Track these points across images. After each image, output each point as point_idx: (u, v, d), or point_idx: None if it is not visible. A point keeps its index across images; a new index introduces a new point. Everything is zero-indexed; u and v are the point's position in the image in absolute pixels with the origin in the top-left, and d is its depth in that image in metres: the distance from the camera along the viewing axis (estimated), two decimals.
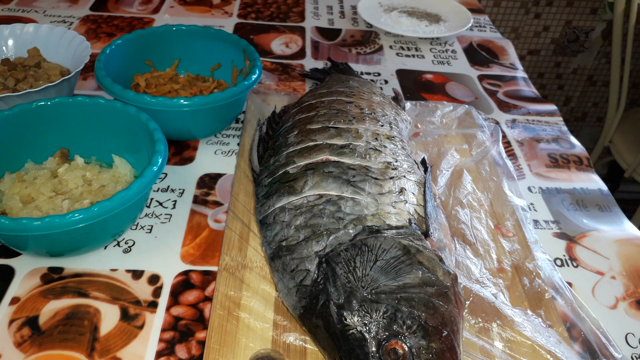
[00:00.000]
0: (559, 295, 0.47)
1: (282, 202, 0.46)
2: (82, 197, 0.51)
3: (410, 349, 0.36)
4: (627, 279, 0.51)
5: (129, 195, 0.45)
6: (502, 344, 0.43)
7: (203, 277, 0.49)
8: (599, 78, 1.75)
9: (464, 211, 0.54)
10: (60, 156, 0.55)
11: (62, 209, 0.49)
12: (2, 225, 0.41)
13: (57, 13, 0.89)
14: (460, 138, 0.64)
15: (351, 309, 0.38)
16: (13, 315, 0.44)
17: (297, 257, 0.43)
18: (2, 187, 0.51)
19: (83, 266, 0.49)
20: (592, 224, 0.57)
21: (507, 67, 0.85)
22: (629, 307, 0.49)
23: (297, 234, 0.44)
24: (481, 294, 0.46)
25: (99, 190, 0.52)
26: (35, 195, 0.50)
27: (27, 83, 0.62)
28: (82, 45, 0.66)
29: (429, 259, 0.40)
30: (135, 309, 0.46)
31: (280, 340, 0.42)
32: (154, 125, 0.51)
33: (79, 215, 0.42)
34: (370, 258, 0.40)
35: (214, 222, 0.54)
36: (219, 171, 0.60)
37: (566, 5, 1.59)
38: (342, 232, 0.43)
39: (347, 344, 0.37)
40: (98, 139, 0.56)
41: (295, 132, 0.53)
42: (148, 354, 0.42)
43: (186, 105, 0.55)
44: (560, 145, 0.68)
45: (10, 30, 0.68)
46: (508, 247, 0.51)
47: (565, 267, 0.52)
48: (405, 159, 0.50)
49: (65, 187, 0.52)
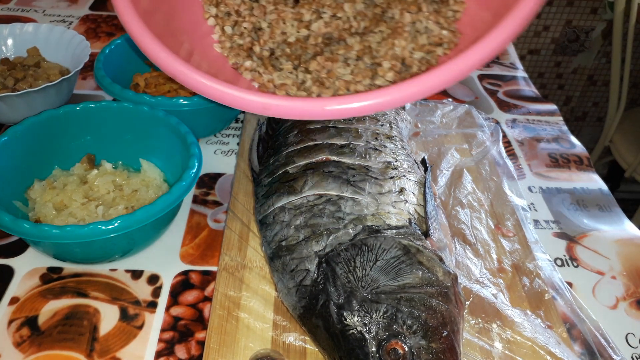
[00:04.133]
0: (559, 296, 0.47)
1: (282, 201, 0.46)
2: (115, 203, 0.51)
3: (411, 349, 0.36)
4: (628, 279, 0.51)
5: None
6: (502, 345, 0.43)
7: (202, 277, 0.49)
8: (599, 78, 1.75)
9: (464, 211, 0.54)
10: (88, 162, 0.54)
11: (98, 215, 0.49)
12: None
13: (57, 12, 0.88)
14: (461, 138, 0.64)
15: (351, 309, 0.37)
16: (12, 315, 0.44)
17: (297, 257, 0.42)
18: (34, 195, 0.51)
19: (82, 266, 0.49)
20: (592, 224, 0.57)
21: (508, 67, 0.84)
22: (629, 307, 0.49)
23: (297, 233, 0.44)
24: (481, 294, 0.46)
25: (131, 195, 0.51)
26: (67, 202, 0.50)
27: (26, 82, 0.62)
28: (81, 45, 0.66)
29: (429, 259, 0.40)
30: (135, 309, 0.46)
31: (280, 340, 0.42)
32: (185, 128, 0.51)
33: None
34: (370, 258, 0.40)
35: (214, 222, 0.54)
36: (218, 171, 0.60)
37: (566, 4, 1.59)
38: (342, 232, 0.43)
39: (347, 344, 0.37)
40: (124, 144, 0.55)
41: (295, 132, 0.53)
42: (147, 354, 0.42)
43: (185, 104, 0.55)
44: (561, 145, 0.68)
45: (9, 29, 0.68)
46: (508, 247, 0.51)
47: (565, 267, 0.52)
48: (405, 159, 0.50)
49: (96, 192, 0.51)
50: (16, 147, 0.50)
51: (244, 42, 0.47)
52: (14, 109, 0.59)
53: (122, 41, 0.64)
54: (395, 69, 0.43)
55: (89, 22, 0.87)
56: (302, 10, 0.47)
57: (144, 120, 0.54)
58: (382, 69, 0.43)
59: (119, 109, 0.54)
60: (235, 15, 0.49)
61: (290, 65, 0.45)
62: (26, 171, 0.51)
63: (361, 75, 0.43)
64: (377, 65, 0.44)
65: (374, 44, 0.45)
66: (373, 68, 0.44)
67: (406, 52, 0.44)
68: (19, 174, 0.51)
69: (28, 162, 0.51)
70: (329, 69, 0.44)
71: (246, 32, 0.48)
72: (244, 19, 0.48)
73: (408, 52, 0.44)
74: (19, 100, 0.58)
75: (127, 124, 0.54)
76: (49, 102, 0.60)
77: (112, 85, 0.56)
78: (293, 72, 0.45)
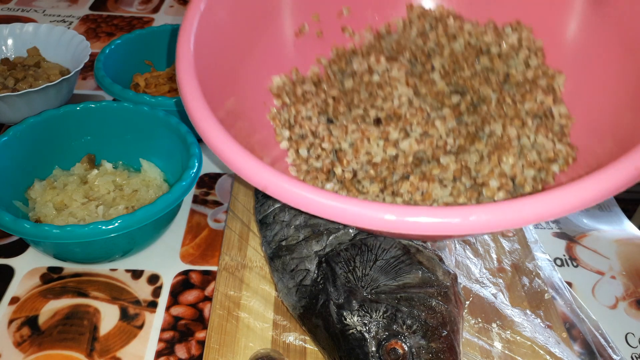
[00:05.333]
0: (558, 296, 0.47)
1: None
2: (116, 203, 0.51)
3: (410, 349, 0.36)
4: (627, 278, 0.51)
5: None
6: (502, 344, 0.43)
7: (203, 276, 0.49)
8: None
9: None
10: (88, 162, 0.55)
11: (98, 215, 0.49)
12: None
13: (57, 12, 0.88)
14: None
15: (351, 308, 0.38)
16: (12, 315, 0.44)
17: (297, 257, 0.43)
18: (34, 195, 0.51)
19: (83, 266, 0.49)
20: (592, 224, 0.57)
21: None
22: (629, 307, 0.49)
23: (297, 233, 0.44)
24: (481, 293, 0.46)
25: (132, 195, 0.52)
26: (68, 202, 0.50)
27: (26, 83, 0.62)
28: (81, 45, 0.66)
29: (429, 259, 0.40)
30: (135, 308, 0.46)
31: (280, 340, 0.42)
32: (185, 128, 0.51)
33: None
34: (370, 258, 0.40)
35: (214, 221, 0.54)
36: (218, 171, 0.60)
37: None
38: (342, 231, 0.43)
39: (347, 344, 0.37)
40: (124, 144, 0.55)
41: None
42: (148, 354, 0.42)
43: None
44: None
45: (9, 29, 0.68)
46: (508, 246, 0.51)
47: (565, 266, 0.52)
48: None
49: (96, 192, 0.52)
50: (16, 147, 0.50)
51: (322, 165, 0.43)
52: (14, 109, 0.59)
53: (122, 41, 0.64)
54: (507, 188, 0.38)
55: (89, 22, 0.87)
56: (389, 128, 0.42)
57: (144, 120, 0.54)
58: (490, 189, 0.38)
59: (119, 109, 0.54)
60: (312, 136, 0.45)
61: (377, 187, 0.41)
62: (26, 171, 0.51)
63: (464, 197, 0.38)
64: (480, 185, 0.39)
65: (471, 164, 0.40)
66: (477, 189, 0.39)
67: (517, 169, 0.39)
68: (19, 173, 0.51)
69: (28, 162, 0.52)
70: (424, 190, 0.39)
71: (324, 154, 0.44)
72: (322, 139, 0.44)
73: (519, 168, 0.39)
74: (19, 101, 0.58)
75: (127, 124, 0.54)
76: (49, 102, 0.60)
77: (112, 85, 0.56)
78: (380, 194, 0.41)
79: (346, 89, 0.47)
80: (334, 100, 0.46)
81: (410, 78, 0.45)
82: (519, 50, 0.47)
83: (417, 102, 0.44)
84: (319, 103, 0.47)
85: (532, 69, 0.46)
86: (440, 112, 0.43)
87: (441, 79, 0.46)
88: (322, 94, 0.47)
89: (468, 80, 0.45)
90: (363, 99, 0.45)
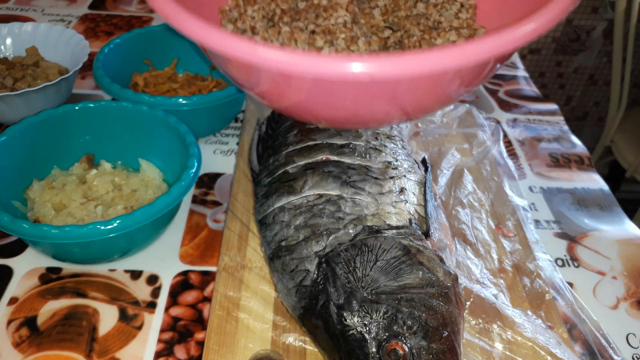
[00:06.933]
0: (559, 296, 0.47)
1: (282, 201, 0.46)
2: (114, 203, 0.50)
3: (411, 350, 0.36)
4: (629, 279, 0.51)
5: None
6: (503, 345, 0.42)
7: (202, 277, 0.49)
8: (600, 77, 1.74)
9: (465, 211, 0.53)
10: (87, 162, 0.54)
11: (97, 215, 0.49)
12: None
13: (56, 12, 0.88)
14: (461, 137, 0.64)
15: (351, 309, 0.37)
16: (11, 316, 0.44)
17: (297, 257, 0.42)
18: (32, 195, 0.50)
19: (81, 266, 0.49)
20: (593, 224, 0.57)
21: (508, 66, 0.84)
22: (630, 308, 0.49)
23: (297, 234, 0.44)
24: (482, 294, 0.46)
25: (130, 195, 0.51)
26: (66, 202, 0.50)
27: (25, 82, 0.61)
28: (80, 44, 0.65)
29: (430, 259, 0.40)
30: (134, 309, 0.45)
31: (280, 340, 0.42)
32: (185, 128, 0.51)
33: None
34: (370, 258, 0.40)
35: (213, 222, 0.54)
36: (218, 171, 0.60)
37: None
38: (342, 232, 0.42)
39: (347, 345, 0.37)
40: (123, 143, 0.55)
41: (294, 132, 0.53)
42: (147, 355, 0.42)
43: (185, 104, 0.55)
44: (562, 145, 0.68)
45: (8, 29, 0.68)
46: (509, 247, 0.51)
47: (566, 267, 0.52)
48: (406, 159, 0.50)
49: (95, 192, 0.51)
50: (15, 147, 0.50)
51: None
52: (12, 108, 0.59)
53: (121, 40, 0.64)
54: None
55: (88, 21, 0.86)
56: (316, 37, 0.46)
57: (143, 119, 0.53)
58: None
59: (118, 109, 0.54)
60: (250, 32, 0.48)
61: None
62: (25, 171, 0.51)
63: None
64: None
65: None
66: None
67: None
68: (17, 173, 0.50)
69: (27, 161, 0.51)
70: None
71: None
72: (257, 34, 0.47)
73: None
74: (18, 100, 0.58)
75: (126, 124, 0.54)
76: (48, 102, 0.60)
77: (111, 84, 0.56)
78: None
79: (299, 8, 0.50)
80: (282, 12, 0.49)
81: (351, 6, 0.49)
82: (452, 4, 0.52)
83: (351, 25, 0.47)
84: (266, 8, 0.49)
85: (459, 20, 0.50)
86: (369, 38, 0.47)
87: (380, 15, 0.49)
88: (272, 4, 0.50)
89: (402, 20, 0.49)
90: (309, 18, 0.49)
